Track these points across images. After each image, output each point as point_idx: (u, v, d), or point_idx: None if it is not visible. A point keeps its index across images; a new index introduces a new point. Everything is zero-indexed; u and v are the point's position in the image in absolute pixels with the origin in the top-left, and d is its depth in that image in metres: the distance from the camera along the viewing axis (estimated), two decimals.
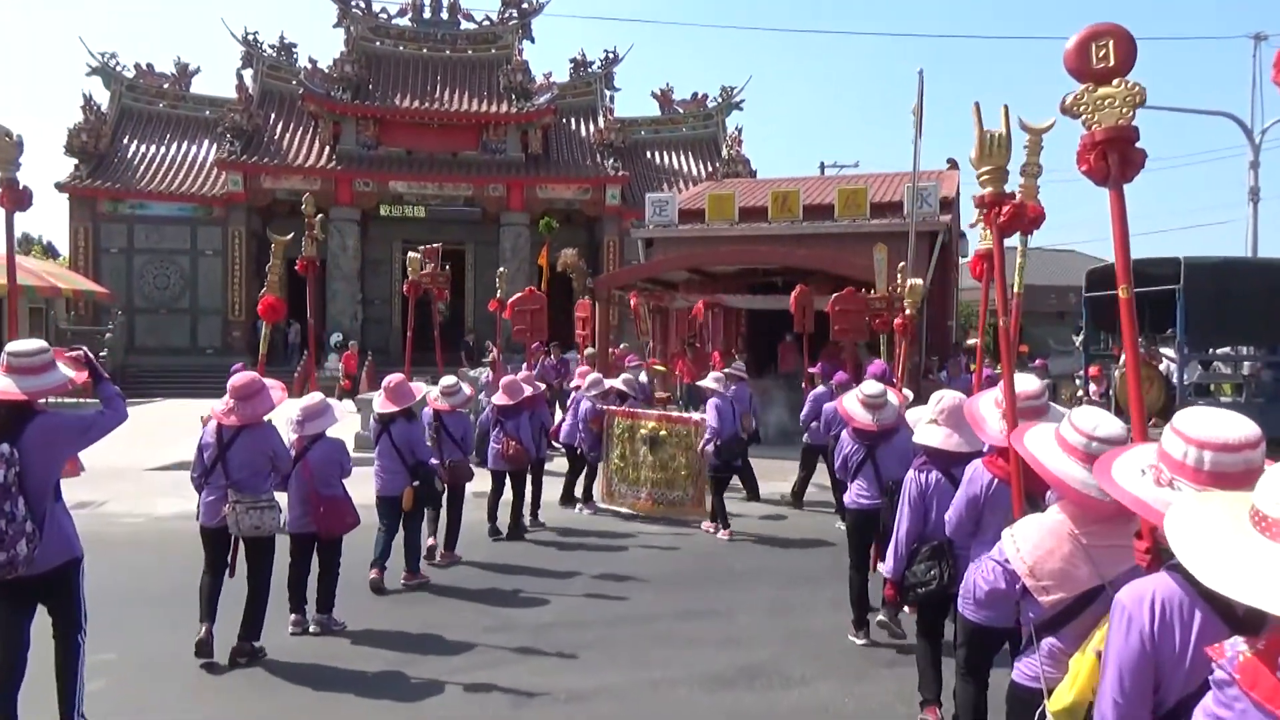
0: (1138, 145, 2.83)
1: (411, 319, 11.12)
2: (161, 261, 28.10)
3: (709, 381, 9.70)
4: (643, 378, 13.00)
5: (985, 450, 3.97)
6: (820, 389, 10.44)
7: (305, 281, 9.98)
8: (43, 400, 4.09)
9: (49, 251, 40.64)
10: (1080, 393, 13.79)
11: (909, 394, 7.58)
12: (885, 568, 4.62)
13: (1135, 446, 2.42)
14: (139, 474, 12.91)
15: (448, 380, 8.33)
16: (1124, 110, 2.77)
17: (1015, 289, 5.75)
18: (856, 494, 5.95)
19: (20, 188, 5.66)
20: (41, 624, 4.22)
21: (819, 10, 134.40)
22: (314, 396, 6.16)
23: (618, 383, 10.80)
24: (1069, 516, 2.71)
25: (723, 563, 8.10)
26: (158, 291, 28.10)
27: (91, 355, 4.40)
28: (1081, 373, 14.20)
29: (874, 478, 5.83)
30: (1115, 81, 2.77)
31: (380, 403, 7.17)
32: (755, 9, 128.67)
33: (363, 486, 6.87)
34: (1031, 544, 2.74)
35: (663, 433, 9.93)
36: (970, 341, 23.33)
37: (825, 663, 5.56)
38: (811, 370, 12.08)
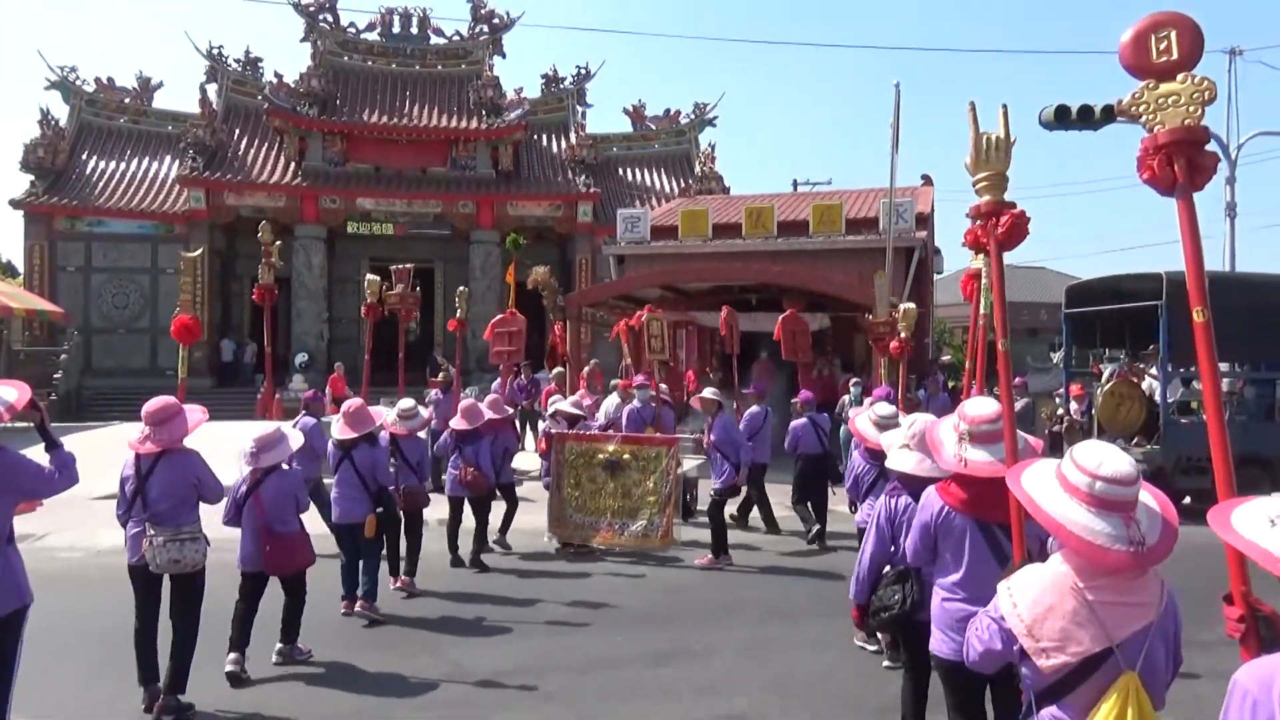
0: (1208, 148, 2.51)
1: (370, 342, 10.73)
2: (120, 280, 27.31)
3: (709, 394, 9.59)
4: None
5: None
6: (800, 420, 10.07)
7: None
8: None
9: (8, 270, 39.63)
10: (1060, 411, 13.53)
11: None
12: (850, 591, 4.47)
13: (1261, 499, 2.07)
14: (84, 503, 12.26)
15: (405, 404, 8.08)
16: (1191, 109, 2.46)
17: (981, 309, 5.74)
18: (869, 512, 5.93)
19: None
20: None
21: (791, 27, 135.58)
22: (268, 425, 5.92)
23: (566, 405, 10.28)
24: (1073, 569, 2.37)
25: (696, 596, 7.68)
26: (116, 311, 27.30)
27: (45, 417, 4.26)
28: (1061, 390, 13.96)
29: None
30: (1180, 77, 2.48)
31: (340, 429, 6.97)
32: (727, 26, 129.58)
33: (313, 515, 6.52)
34: (1030, 600, 2.39)
35: (625, 456, 9.18)
36: (945, 358, 23.21)
37: (811, 713, 5.13)
38: (745, 390, 11.86)
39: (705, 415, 9.52)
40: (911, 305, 10.16)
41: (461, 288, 15.23)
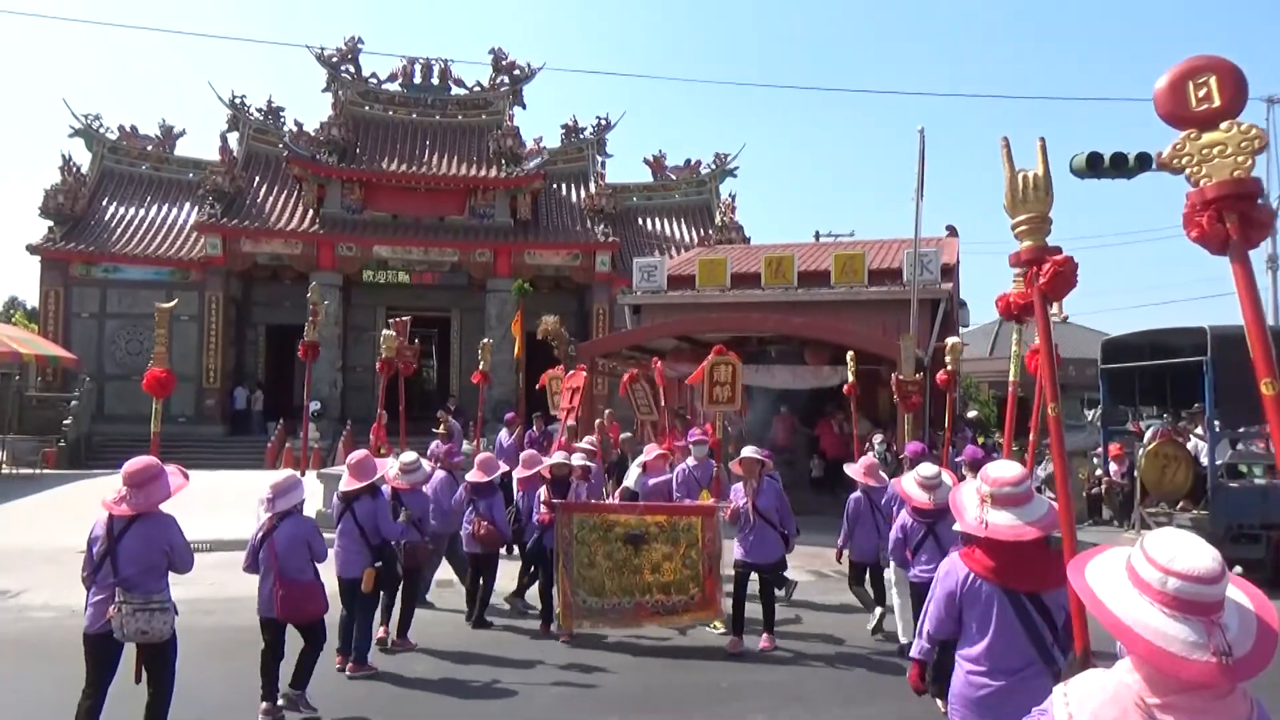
0: (1261, 201, 2.28)
1: (382, 396, 10.34)
2: (134, 326, 27.14)
3: (750, 453, 7.79)
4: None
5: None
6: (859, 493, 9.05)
7: (271, 349, 9.45)
8: None
9: (33, 316, 39.76)
10: (1099, 472, 12.78)
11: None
12: (915, 648, 3.94)
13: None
14: (72, 556, 11.74)
15: (407, 457, 7.98)
16: (1240, 159, 2.27)
17: (1011, 375, 5.90)
18: (921, 569, 6.35)
19: None
20: None
21: (813, 78, 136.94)
22: (283, 472, 6.29)
23: (553, 461, 8.37)
24: (1141, 679, 1.93)
25: (705, 676, 6.96)
26: (130, 358, 27.08)
27: None
28: (1099, 450, 13.22)
29: (936, 551, 6.24)
30: (1224, 125, 2.31)
31: (345, 480, 6.93)
32: (749, 76, 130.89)
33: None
34: (1088, 712, 1.96)
35: (651, 528, 7.75)
36: (971, 414, 22.44)
37: None
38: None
39: (747, 479, 7.67)
40: (957, 339, 10.14)
41: (486, 340, 14.87)
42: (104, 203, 28.62)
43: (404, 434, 10.73)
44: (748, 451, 7.91)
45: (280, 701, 5.78)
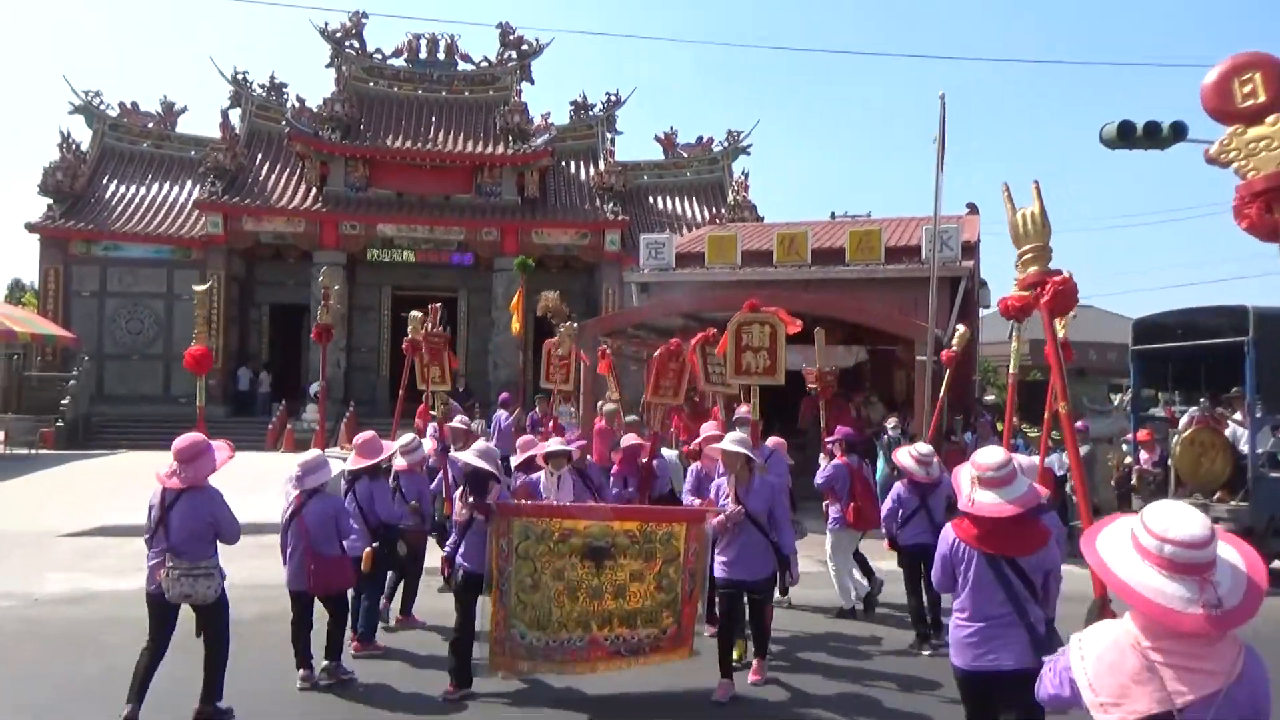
0: None
1: (405, 376, 9.75)
2: (135, 305, 26.71)
3: (729, 444, 6.17)
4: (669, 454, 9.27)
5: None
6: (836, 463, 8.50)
7: (280, 329, 8.87)
8: None
9: (36, 294, 39.45)
10: (1129, 459, 12.09)
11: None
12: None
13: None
14: (50, 540, 11.31)
15: (405, 437, 7.92)
16: None
17: (1010, 369, 6.46)
18: (914, 535, 7.22)
19: None
20: None
21: (827, 59, 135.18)
22: (311, 452, 6.35)
23: (470, 456, 6.05)
24: (1139, 628, 2.34)
25: (695, 679, 6.25)
26: (130, 337, 26.66)
27: None
28: (1128, 437, 12.52)
29: (926, 521, 7.17)
30: (1270, 119, 2.48)
31: (352, 459, 7.08)
32: (761, 57, 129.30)
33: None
34: (1095, 655, 2.40)
35: (620, 539, 5.97)
36: (989, 398, 21.77)
37: None
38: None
39: (730, 473, 6.15)
40: (964, 329, 9.67)
41: (415, 313, 14.18)
42: (104, 180, 28.12)
43: (397, 417, 10.29)
44: (730, 442, 6.14)
45: (321, 677, 6.09)
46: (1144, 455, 11.53)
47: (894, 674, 6.56)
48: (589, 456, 8.10)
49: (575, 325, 13.81)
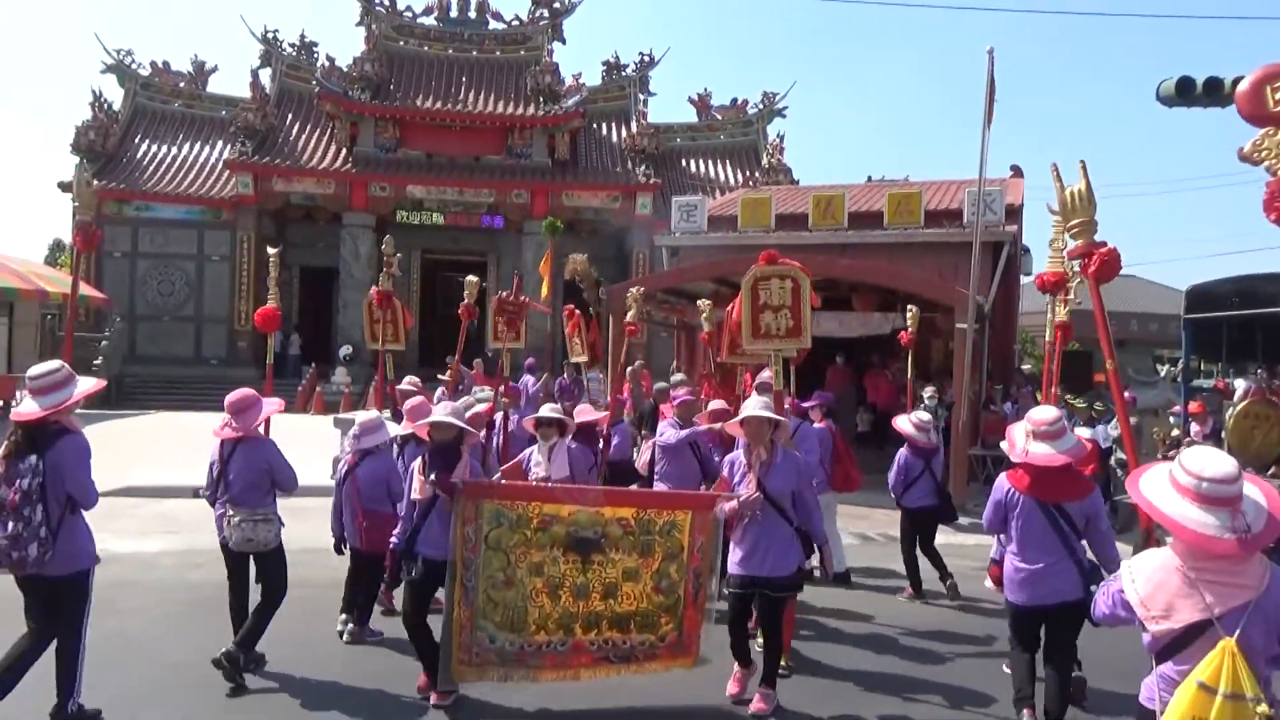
0: None
1: (461, 342, 9.51)
2: (166, 266, 26.73)
3: (754, 408, 5.16)
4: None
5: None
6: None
7: (310, 291, 8.65)
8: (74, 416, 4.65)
9: (72, 256, 39.72)
10: (1176, 431, 11.60)
11: None
12: (994, 552, 5.58)
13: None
14: None
15: (465, 400, 7.69)
16: None
17: (1046, 338, 6.79)
18: (919, 498, 7.66)
19: (93, 231, 5.80)
20: None
21: (866, 22, 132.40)
22: (369, 412, 6.52)
23: (438, 416, 5.21)
24: (1180, 554, 2.81)
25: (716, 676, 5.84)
26: (161, 298, 26.72)
27: None
28: (1176, 409, 12.03)
29: (930, 483, 7.66)
30: None
31: (404, 425, 7.01)
32: (798, 17, 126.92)
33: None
34: (1144, 577, 2.87)
35: (611, 527, 5.02)
36: (1025, 367, 21.20)
37: None
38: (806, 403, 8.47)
39: (753, 446, 5.11)
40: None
41: (472, 277, 13.91)
42: (136, 140, 28.10)
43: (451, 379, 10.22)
44: (753, 406, 5.19)
45: (345, 639, 6.15)
46: (1195, 428, 11.04)
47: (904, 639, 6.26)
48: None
49: (606, 291, 13.52)
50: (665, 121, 30.82)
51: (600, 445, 7.24)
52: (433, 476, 4.94)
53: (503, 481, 5.70)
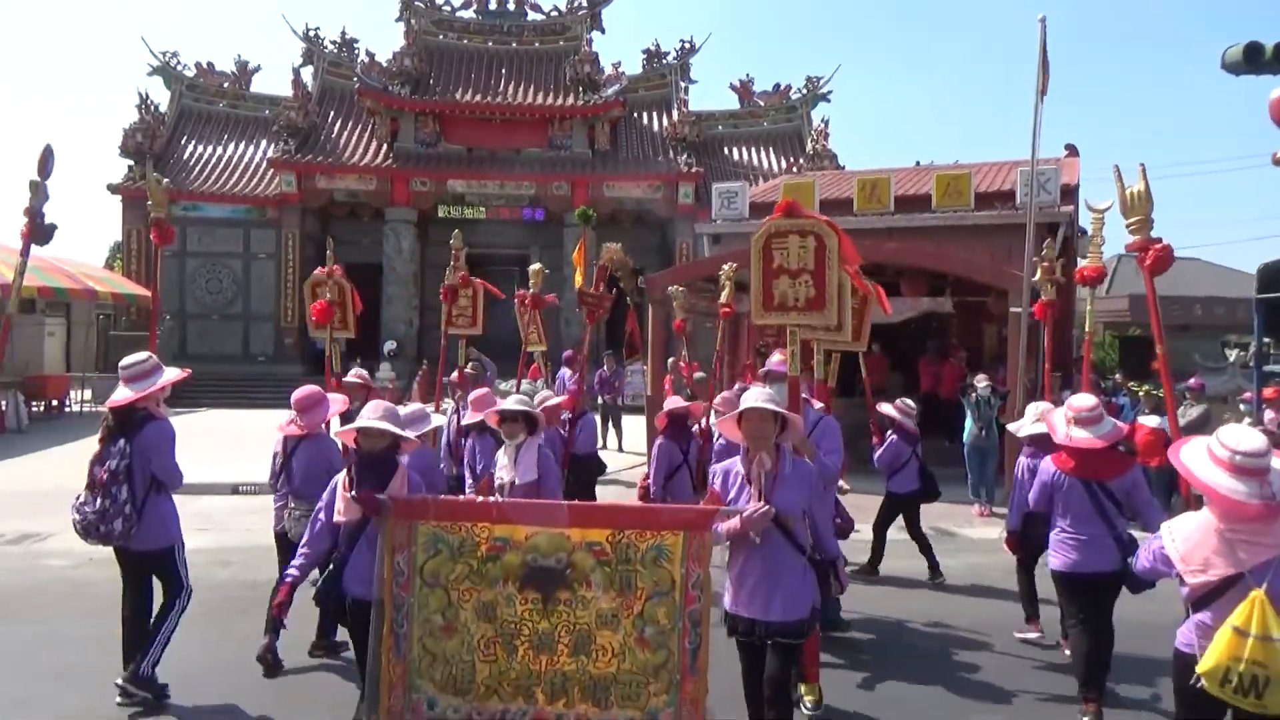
0: None
1: (528, 333, 9.98)
2: (214, 265, 27.03)
3: (755, 400, 4.03)
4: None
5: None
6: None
7: (355, 288, 8.71)
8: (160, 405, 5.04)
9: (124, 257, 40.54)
10: (1249, 420, 10.97)
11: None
12: (1009, 527, 5.99)
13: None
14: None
15: (544, 393, 7.80)
16: None
17: (1086, 328, 7.12)
18: (905, 483, 7.98)
19: (168, 227, 6.28)
20: None
21: (912, 5, 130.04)
22: (414, 405, 6.30)
23: (367, 420, 4.21)
24: (1215, 516, 3.21)
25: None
26: (210, 296, 27.04)
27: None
28: (1247, 395, 11.38)
29: (916, 468, 7.97)
30: None
31: (469, 415, 6.99)
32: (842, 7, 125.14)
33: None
34: (1183, 536, 3.29)
35: (579, 556, 3.85)
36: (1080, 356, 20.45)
37: None
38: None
39: (753, 450, 4.03)
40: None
41: (536, 265, 13.78)
42: (182, 141, 28.43)
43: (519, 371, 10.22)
44: (754, 397, 4.02)
45: None
46: (1269, 414, 10.42)
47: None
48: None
49: (644, 280, 13.23)
50: (707, 109, 30.38)
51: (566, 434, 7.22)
52: (354, 493, 4.05)
53: (437, 498, 4.39)
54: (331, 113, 29.36)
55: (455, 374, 8.58)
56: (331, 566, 4.17)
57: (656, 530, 3.86)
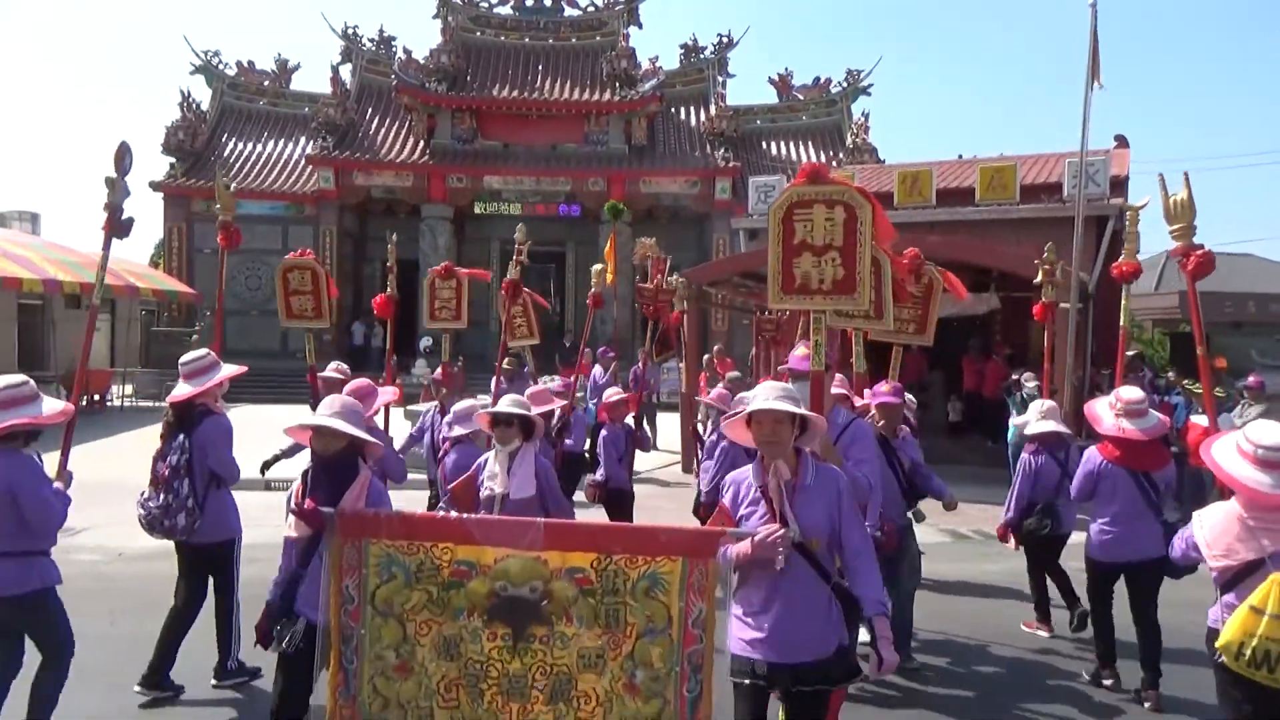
0: None
1: (586, 331, 9.55)
2: (253, 262, 27.26)
3: (768, 400, 3.28)
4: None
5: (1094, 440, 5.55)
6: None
7: (398, 285, 8.59)
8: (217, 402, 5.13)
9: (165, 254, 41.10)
10: None
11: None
12: (1005, 518, 6.27)
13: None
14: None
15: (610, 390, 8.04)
16: None
17: (1122, 323, 7.09)
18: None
19: (234, 230, 6.47)
20: None
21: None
22: (465, 401, 6.38)
23: (323, 418, 3.68)
24: (1240, 505, 3.45)
25: None
26: (249, 293, 27.30)
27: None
28: None
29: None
30: None
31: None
32: None
33: None
34: (1210, 524, 3.54)
35: (558, 585, 3.21)
36: (1130, 352, 19.87)
37: None
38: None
39: (768, 459, 3.28)
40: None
41: (598, 265, 13.63)
42: (223, 139, 28.75)
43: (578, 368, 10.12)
44: (766, 394, 3.30)
45: None
46: None
47: None
48: None
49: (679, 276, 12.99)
50: (745, 104, 30.08)
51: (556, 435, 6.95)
52: (298, 506, 3.47)
53: (391, 513, 3.50)
54: (369, 110, 29.50)
55: (439, 371, 7.94)
56: (283, 586, 3.57)
57: (651, 555, 3.18)
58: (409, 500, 7.38)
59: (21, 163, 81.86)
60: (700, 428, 8.39)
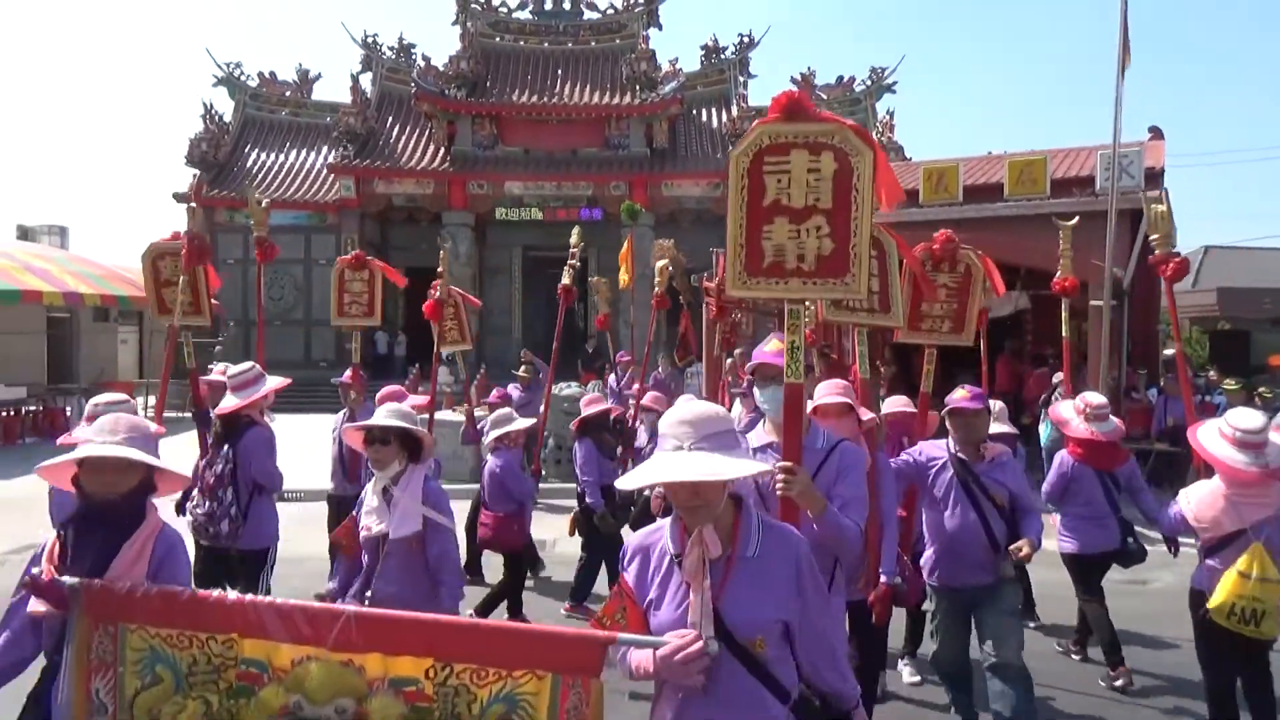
0: None
1: (650, 334, 9.67)
2: (275, 272, 27.24)
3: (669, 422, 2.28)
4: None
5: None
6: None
7: (414, 292, 8.69)
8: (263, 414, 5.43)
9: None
10: None
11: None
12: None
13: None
14: (166, 502, 11.15)
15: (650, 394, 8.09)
16: None
17: (1172, 326, 6.62)
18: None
19: (270, 245, 6.82)
20: None
21: None
22: (504, 410, 6.73)
23: (95, 447, 2.67)
24: (1223, 482, 4.00)
25: None
26: (271, 303, 27.24)
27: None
28: None
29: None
30: None
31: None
32: None
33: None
34: (1196, 500, 4.09)
35: (375, 700, 2.26)
36: (1168, 352, 19.30)
37: None
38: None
39: (690, 519, 2.22)
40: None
41: (596, 277, 13.37)
42: (246, 149, 28.82)
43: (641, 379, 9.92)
44: (681, 444, 2.19)
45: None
46: None
47: None
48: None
49: (698, 279, 12.67)
50: (767, 104, 29.63)
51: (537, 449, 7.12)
52: (33, 572, 2.50)
53: (150, 589, 2.49)
54: (390, 118, 29.44)
55: (348, 372, 7.30)
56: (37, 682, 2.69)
57: (507, 668, 2.22)
58: (306, 517, 7.32)
59: (50, 177, 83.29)
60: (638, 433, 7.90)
